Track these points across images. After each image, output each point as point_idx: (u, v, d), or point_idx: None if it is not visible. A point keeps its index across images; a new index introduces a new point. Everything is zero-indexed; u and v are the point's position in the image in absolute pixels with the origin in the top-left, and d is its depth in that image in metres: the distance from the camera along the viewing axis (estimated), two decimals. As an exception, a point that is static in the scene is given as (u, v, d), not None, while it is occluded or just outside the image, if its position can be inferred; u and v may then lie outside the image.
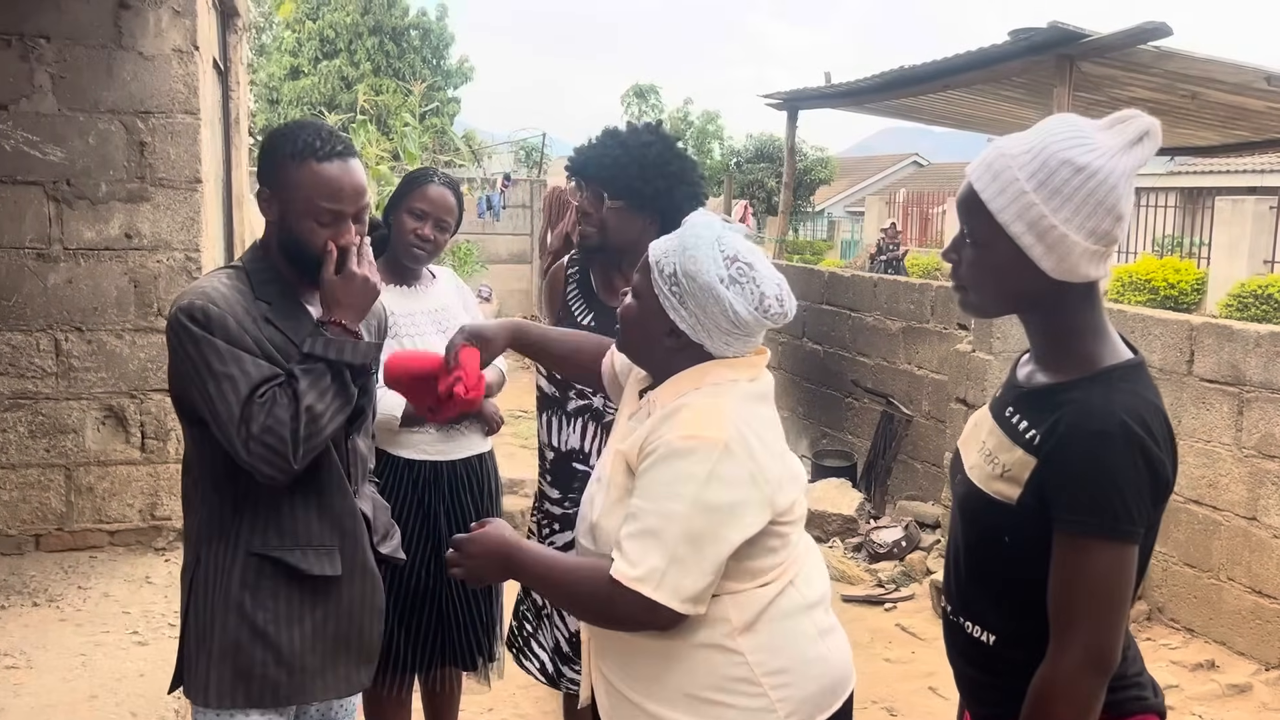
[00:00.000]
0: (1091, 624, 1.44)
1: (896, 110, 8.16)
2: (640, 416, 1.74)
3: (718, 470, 1.59)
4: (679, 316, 1.68)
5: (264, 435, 1.78)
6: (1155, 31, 5.08)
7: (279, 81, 24.27)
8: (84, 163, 4.61)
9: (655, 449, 1.62)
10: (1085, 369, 1.51)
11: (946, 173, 32.36)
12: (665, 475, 1.60)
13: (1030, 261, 1.47)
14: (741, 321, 1.67)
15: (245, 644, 1.89)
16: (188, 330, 1.81)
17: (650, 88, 25.05)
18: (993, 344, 5.19)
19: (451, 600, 2.85)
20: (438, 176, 2.91)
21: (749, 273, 1.67)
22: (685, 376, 1.71)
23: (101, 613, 4.19)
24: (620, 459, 1.68)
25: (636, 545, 1.59)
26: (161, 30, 4.63)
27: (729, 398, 1.68)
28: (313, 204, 1.87)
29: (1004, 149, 1.49)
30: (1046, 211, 1.44)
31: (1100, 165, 1.43)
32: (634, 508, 1.62)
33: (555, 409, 2.56)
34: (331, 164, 1.88)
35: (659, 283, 1.69)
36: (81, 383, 4.73)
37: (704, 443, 1.59)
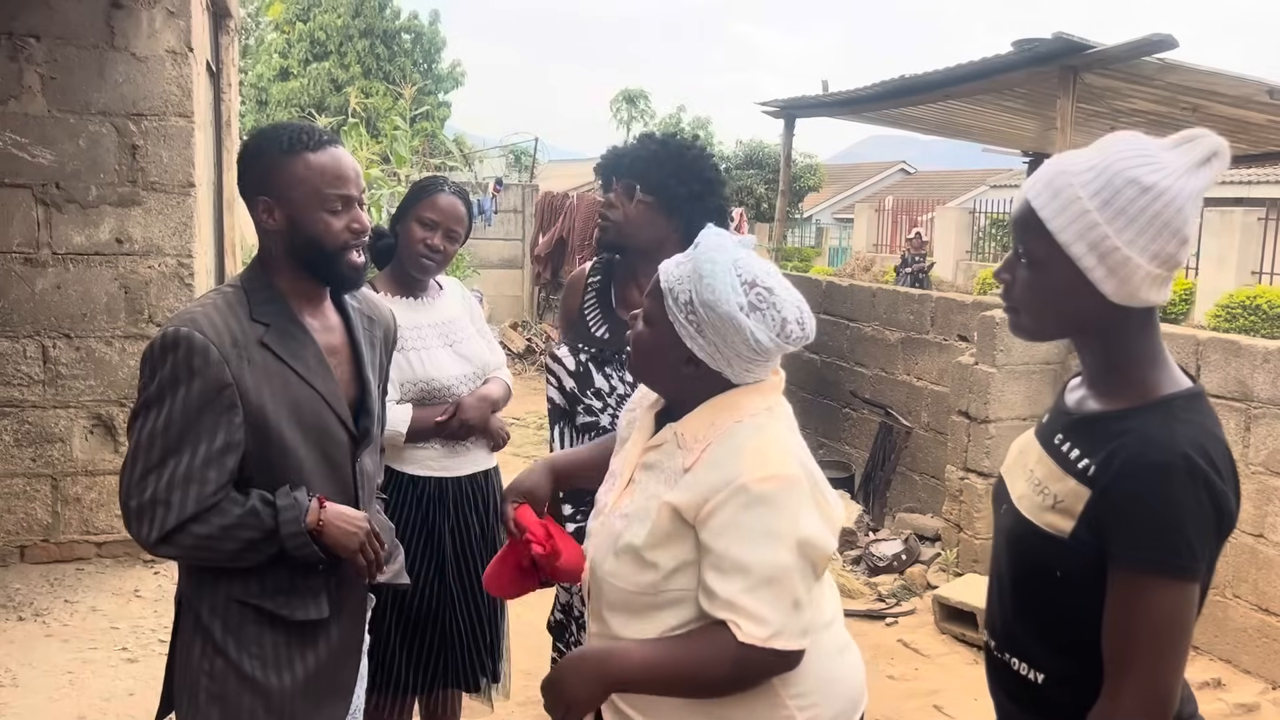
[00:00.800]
0: (1150, 667, 1.37)
1: (895, 119, 8.13)
2: (668, 450, 1.66)
3: (803, 505, 1.57)
4: (697, 345, 1.62)
5: (155, 505, 1.70)
6: (1161, 44, 5.05)
7: (268, 83, 24.13)
8: (74, 165, 4.51)
9: (731, 496, 1.54)
10: (1142, 397, 1.44)
11: (933, 180, 32.48)
12: (757, 523, 1.53)
13: (1090, 284, 1.40)
14: (763, 349, 1.61)
15: (232, 693, 1.80)
16: (160, 362, 1.72)
17: (640, 93, 25.03)
18: (996, 357, 5.15)
19: (455, 620, 2.77)
20: (448, 185, 2.83)
21: (769, 298, 1.61)
22: (715, 407, 1.65)
23: (89, 628, 4.09)
24: (667, 509, 1.59)
25: (756, 601, 1.52)
26: (155, 31, 4.54)
27: (777, 430, 1.63)
28: (321, 194, 1.81)
29: (1064, 166, 1.42)
30: (1110, 232, 1.37)
31: (1167, 185, 1.37)
32: (730, 560, 1.54)
33: (566, 422, 2.48)
34: (325, 152, 1.82)
35: (674, 310, 1.62)
36: (69, 390, 4.63)
37: (783, 482, 1.55)
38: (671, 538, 1.59)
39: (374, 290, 2.82)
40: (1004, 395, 5.18)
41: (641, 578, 1.62)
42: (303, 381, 1.81)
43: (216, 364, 1.71)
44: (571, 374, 2.41)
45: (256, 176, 1.82)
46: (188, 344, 1.70)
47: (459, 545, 2.79)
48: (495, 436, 2.87)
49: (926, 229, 22.41)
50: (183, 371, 1.70)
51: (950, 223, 19.66)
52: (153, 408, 1.71)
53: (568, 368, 2.42)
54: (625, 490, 1.72)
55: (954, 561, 5.40)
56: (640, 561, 1.62)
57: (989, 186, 25.30)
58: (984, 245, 19.16)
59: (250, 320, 1.79)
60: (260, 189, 1.82)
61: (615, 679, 1.58)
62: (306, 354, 1.83)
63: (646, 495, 1.66)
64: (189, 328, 1.72)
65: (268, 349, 1.78)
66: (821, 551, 1.59)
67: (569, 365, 2.43)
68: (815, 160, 26.18)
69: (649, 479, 1.68)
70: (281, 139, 1.81)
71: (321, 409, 1.84)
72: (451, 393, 2.75)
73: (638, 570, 1.63)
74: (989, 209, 19.75)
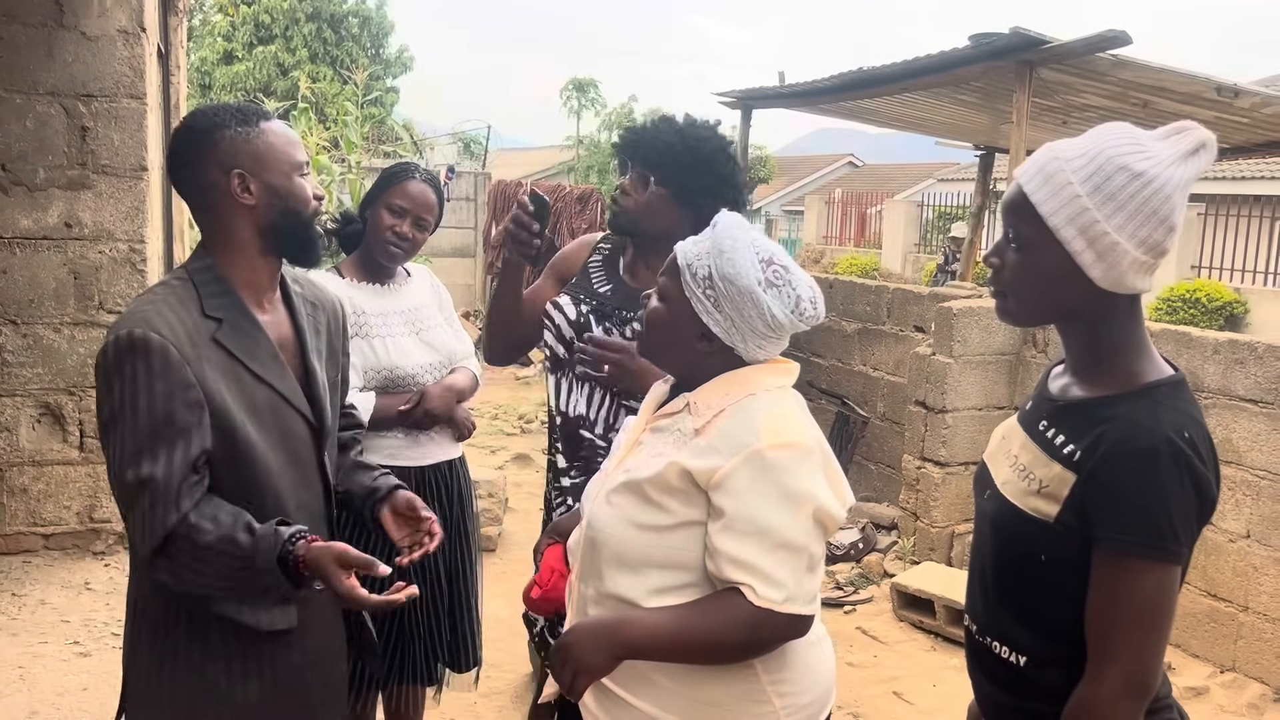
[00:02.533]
0: (1133, 647, 1.40)
1: (851, 111, 8.18)
2: (681, 418, 1.68)
3: (815, 473, 1.60)
4: (713, 320, 1.65)
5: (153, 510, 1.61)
6: (1115, 40, 5.14)
7: (211, 66, 23.61)
8: (20, 147, 4.38)
9: (746, 461, 1.56)
10: (1127, 384, 1.47)
11: (881, 173, 32.82)
12: (773, 488, 1.56)
13: (1078, 269, 1.43)
14: (778, 325, 1.64)
15: (199, 705, 1.73)
16: (116, 370, 1.62)
17: (590, 82, 24.88)
18: (953, 347, 5.21)
19: (414, 611, 2.74)
20: (418, 172, 2.78)
21: (785, 275, 1.65)
22: (729, 380, 1.67)
23: (38, 621, 3.98)
24: (675, 468, 1.60)
25: (771, 564, 1.55)
26: (106, 10, 4.42)
27: (791, 404, 1.67)
28: (293, 159, 1.78)
29: (1058, 152, 1.44)
30: (1100, 217, 1.40)
31: (1157, 174, 1.39)
32: (745, 522, 1.55)
33: (565, 371, 2.45)
34: (276, 121, 1.81)
35: (691, 286, 1.65)
36: (16, 379, 4.50)
37: (796, 449, 1.59)
38: (677, 494, 1.61)
39: (340, 276, 2.78)
40: (960, 385, 5.25)
41: (640, 519, 1.62)
42: (257, 380, 1.73)
43: (178, 364, 1.62)
44: (571, 323, 2.40)
45: (221, 151, 1.73)
46: (144, 346, 1.61)
47: None
48: (460, 426, 2.83)
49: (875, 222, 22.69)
50: (143, 376, 1.61)
51: (899, 215, 19.92)
52: (120, 420, 1.61)
53: (568, 316, 2.41)
54: (631, 451, 1.73)
55: (910, 550, 5.47)
56: (641, 499, 1.63)
57: (936, 180, 25.62)
58: (931, 238, 19.45)
59: (202, 316, 1.70)
60: (230, 164, 1.72)
61: (627, 645, 1.57)
62: (260, 350, 1.75)
63: (653, 453, 1.66)
64: (143, 329, 1.61)
65: (220, 346, 1.69)
66: (834, 520, 1.62)
67: (569, 314, 2.41)
68: (765, 152, 26.29)
69: (656, 440, 1.69)
70: (233, 113, 1.75)
71: (280, 406, 1.77)
72: (416, 381, 2.72)
73: (636, 511, 1.63)
74: (937, 202, 20.09)
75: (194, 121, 1.77)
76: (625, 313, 2.36)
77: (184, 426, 1.62)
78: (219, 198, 1.74)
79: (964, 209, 16.19)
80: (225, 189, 1.73)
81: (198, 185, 1.76)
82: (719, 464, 1.57)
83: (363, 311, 2.69)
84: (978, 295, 5.68)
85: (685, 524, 1.61)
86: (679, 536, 1.61)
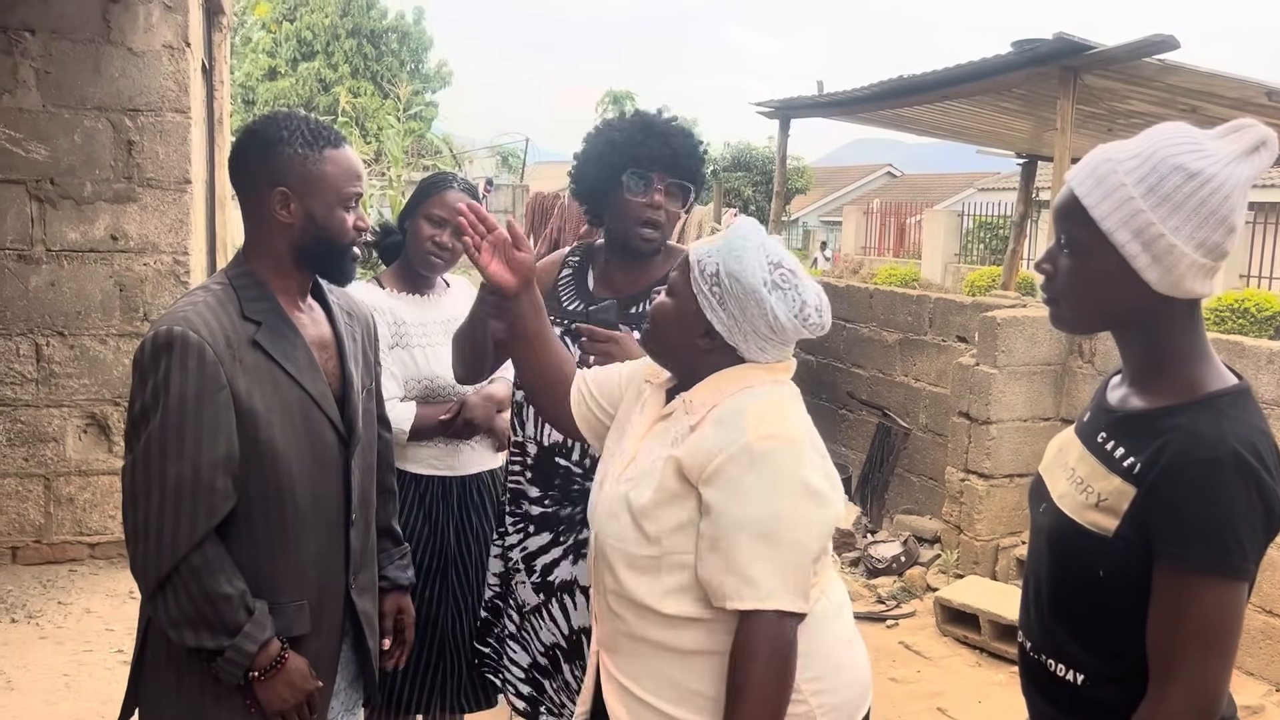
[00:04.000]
0: (1197, 668, 1.35)
1: (890, 120, 8.12)
2: (677, 416, 1.69)
3: (803, 464, 1.59)
4: (716, 317, 1.66)
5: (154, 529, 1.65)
6: (1162, 44, 5.06)
7: (255, 82, 24.00)
8: (69, 161, 4.45)
9: (730, 456, 1.57)
10: (1188, 394, 1.41)
11: (919, 183, 32.59)
12: (758, 481, 1.56)
13: (1134, 273, 1.37)
14: (780, 327, 1.65)
15: (209, 710, 1.75)
16: (152, 365, 1.66)
17: (626, 95, 24.97)
18: (997, 358, 5.14)
19: (458, 617, 2.71)
20: (457, 182, 2.79)
21: (791, 279, 1.66)
22: (725, 377, 1.68)
23: (84, 630, 4.02)
24: (673, 464, 1.62)
25: (751, 561, 1.54)
26: (152, 25, 4.49)
27: (781, 398, 1.68)
28: (342, 192, 1.81)
29: (1110, 154, 1.40)
30: (1155, 219, 1.34)
31: (1215, 173, 1.34)
32: (729, 518, 1.56)
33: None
34: (343, 150, 1.83)
35: (699, 281, 1.67)
36: (63, 389, 4.56)
37: (783, 441, 1.59)
38: (675, 497, 1.61)
39: (380, 286, 2.78)
40: (1005, 396, 5.16)
41: (644, 537, 1.64)
42: (293, 382, 1.77)
43: (212, 364, 1.66)
44: None
45: (275, 166, 1.77)
46: (182, 343, 1.65)
47: (462, 546, 2.75)
48: (500, 436, 2.82)
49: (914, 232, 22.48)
50: (178, 373, 1.64)
51: (938, 225, 19.74)
52: (150, 416, 1.65)
53: None
54: (631, 460, 1.73)
55: (954, 563, 5.39)
56: (645, 518, 1.64)
57: (977, 189, 25.37)
58: (972, 248, 19.24)
59: (242, 318, 1.74)
60: (279, 180, 1.77)
61: None
62: (297, 353, 1.79)
63: (652, 457, 1.68)
64: (181, 326, 1.66)
65: (259, 348, 1.74)
66: (827, 509, 1.61)
67: None
68: (803, 163, 26.21)
69: (655, 443, 1.70)
70: (303, 131, 1.78)
71: (311, 410, 1.79)
72: (456, 390, 2.71)
73: (640, 529, 1.64)
74: (977, 212, 19.88)
75: (262, 128, 1.81)
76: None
77: (213, 425, 1.66)
78: (261, 208, 1.79)
79: (1005, 218, 16.03)
80: (268, 202, 1.77)
81: (248, 190, 1.81)
82: (709, 458, 1.58)
83: (403, 321, 2.70)
84: (1022, 305, 5.60)
85: (685, 524, 1.62)
86: (680, 538, 1.62)
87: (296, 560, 1.78)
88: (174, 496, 1.64)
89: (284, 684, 1.74)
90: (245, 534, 1.73)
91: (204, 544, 1.66)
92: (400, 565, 2.17)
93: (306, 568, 1.80)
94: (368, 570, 1.99)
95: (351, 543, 1.90)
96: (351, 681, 2.01)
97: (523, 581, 2.34)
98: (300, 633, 1.79)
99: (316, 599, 1.82)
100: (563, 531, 2.28)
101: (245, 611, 1.69)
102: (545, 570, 2.29)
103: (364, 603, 1.96)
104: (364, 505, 1.94)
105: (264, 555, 1.75)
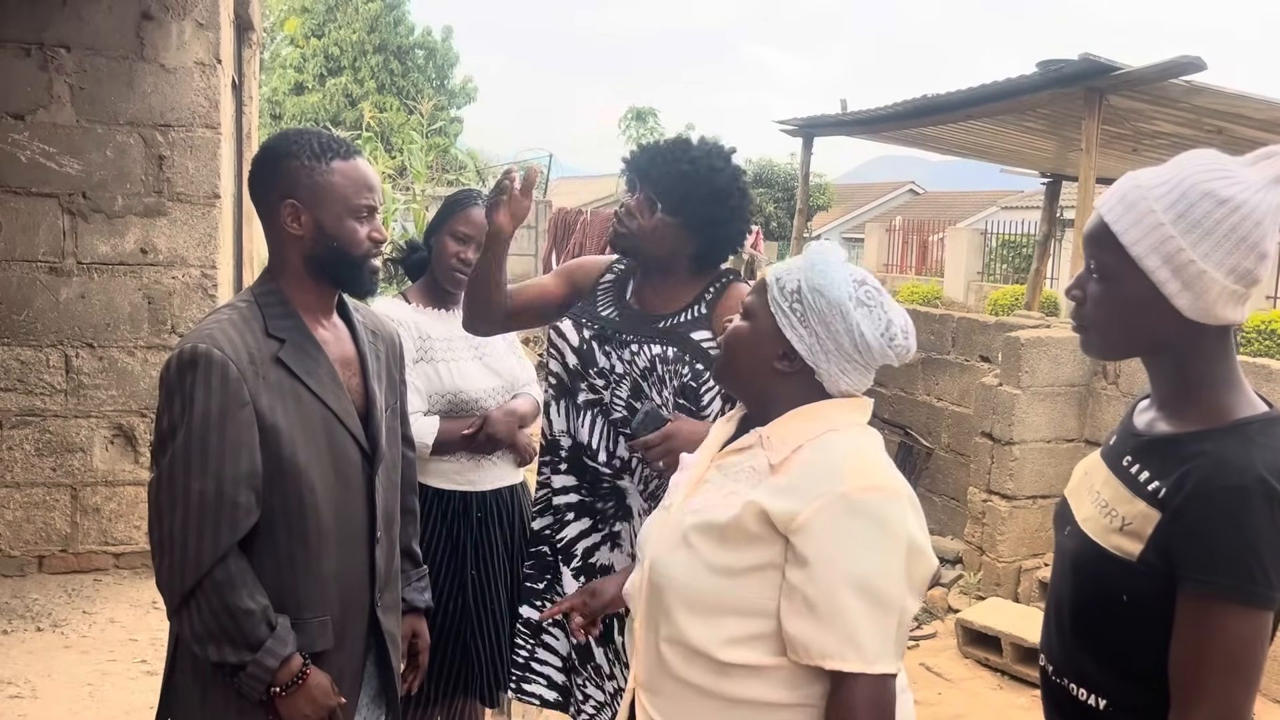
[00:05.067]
0: (1219, 697, 1.33)
1: (913, 139, 8.12)
2: (754, 454, 1.58)
3: (908, 519, 1.48)
4: (796, 336, 1.56)
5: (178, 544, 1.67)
6: (1189, 66, 5.04)
7: (282, 97, 24.25)
8: (101, 175, 4.51)
9: (829, 504, 1.45)
10: (1216, 420, 1.41)
11: (942, 201, 32.48)
12: (861, 535, 1.45)
13: (1164, 299, 1.37)
14: (865, 347, 1.55)
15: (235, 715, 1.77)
16: (178, 382, 1.69)
17: (649, 111, 25.07)
18: (1020, 378, 5.11)
19: (474, 633, 2.74)
20: (481, 199, 2.82)
21: (877, 297, 1.56)
22: (805, 414, 1.57)
23: (108, 639, 4.06)
24: (754, 508, 1.50)
25: (862, 623, 1.42)
26: (184, 42, 4.55)
27: (874, 444, 1.56)
28: (351, 202, 1.81)
29: (1139, 180, 1.40)
30: (1185, 245, 1.34)
31: (1245, 199, 1.34)
32: (829, 573, 1.44)
33: (567, 398, 2.40)
34: (354, 161, 1.84)
35: (778, 300, 1.57)
36: (91, 400, 4.61)
37: (888, 494, 1.47)
38: (754, 540, 1.50)
39: (406, 301, 2.81)
40: (1028, 417, 5.14)
41: (710, 577, 1.53)
42: (316, 399, 1.79)
43: (235, 381, 1.68)
44: (575, 350, 2.34)
45: (284, 179, 1.80)
46: (206, 361, 1.67)
47: (482, 560, 2.76)
48: (522, 452, 2.84)
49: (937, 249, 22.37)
50: (202, 390, 1.67)
51: (961, 243, 19.66)
52: (175, 432, 1.68)
53: (571, 343, 2.35)
54: (695, 489, 1.64)
55: (976, 584, 5.35)
56: (715, 541, 1.53)
57: (1000, 208, 25.27)
58: (994, 266, 19.15)
59: (265, 335, 1.76)
60: (288, 192, 1.79)
61: None
62: (320, 370, 1.81)
63: (724, 491, 1.57)
64: (206, 344, 1.69)
65: (283, 365, 1.76)
66: (927, 567, 1.50)
67: (572, 340, 2.35)
68: (825, 180, 26.21)
69: (725, 478, 1.59)
70: (311, 144, 1.80)
71: (334, 427, 1.81)
72: (480, 405, 2.74)
73: (706, 568, 1.53)
74: (1000, 230, 19.79)
75: (273, 143, 1.85)
76: (625, 336, 2.29)
77: (236, 442, 1.68)
78: (275, 221, 1.82)
79: (1029, 237, 15.95)
80: (280, 215, 1.80)
81: (263, 204, 1.84)
82: (800, 506, 1.46)
83: (428, 336, 2.72)
84: (1046, 325, 5.57)
85: (761, 567, 1.49)
86: (755, 581, 1.50)
87: (319, 576, 1.80)
88: (197, 511, 1.66)
89: (305, 700, 1.75)
90: (268, 549, 1.75)
91: (227, 559, 1.68)
92: (418, 587, 2.18)
93: (330, 583, 1.81)
94: (392, 588, 2.00)
95: (376, 560, 1.91)
96: (374, 698, 2.01)
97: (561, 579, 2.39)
98: (323, 648, 1.80)
99: (340, 615, 1.83)
100: (599, 520, 2.35)
101: (267, 626, 1.71)
102: (586, 554, 2.36)
103: (389, 621, 1.97)
104: (388, 522, 1.95)
105: (287, 570, 1.77)
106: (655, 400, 2.24)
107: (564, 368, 2.38)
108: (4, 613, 4.24)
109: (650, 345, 2.25)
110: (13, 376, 4.52)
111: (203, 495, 1.66)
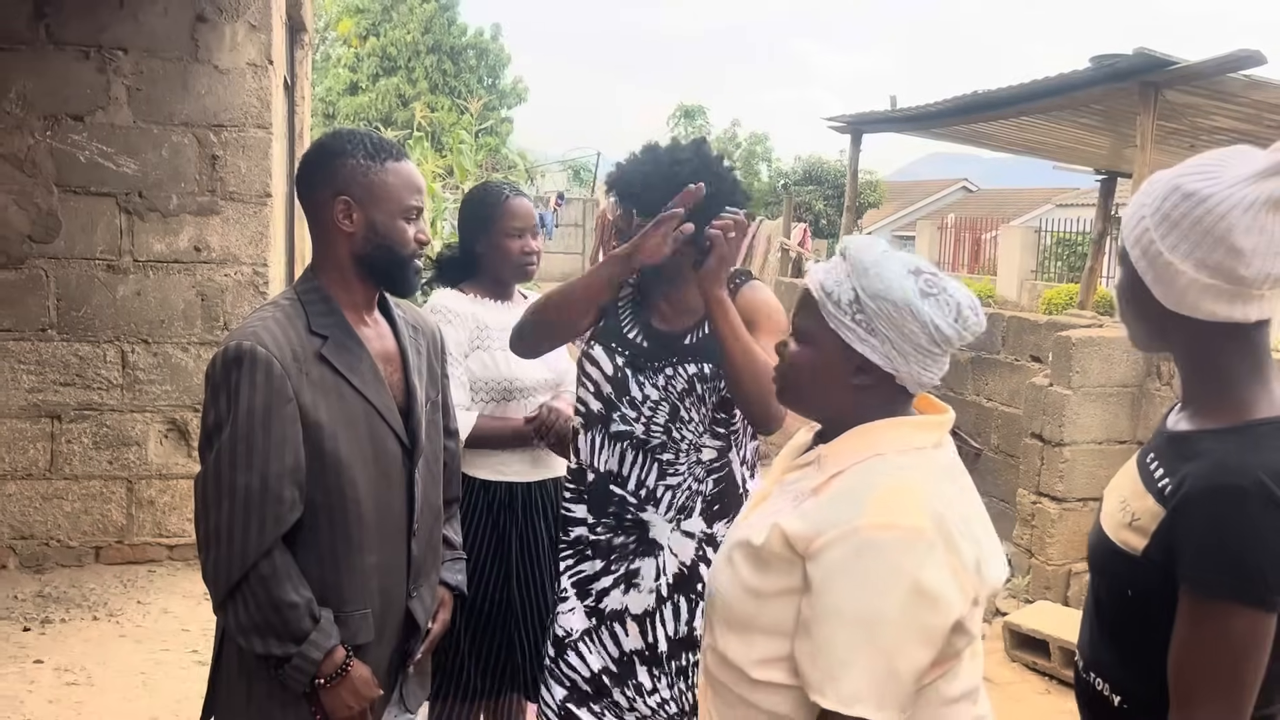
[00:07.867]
0: (1213, 695, 1.32)
1: (965, 135, 8.02)
2: (809, 472, 1.53)
3: (924, 562, 1.37)
4: (869, 347, 1.46)
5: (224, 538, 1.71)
6: (1248, 60, 4.92)
7: (336, 97, 24.58)
8: (156, 175, 4.61)
9: (841, 537, 1.39)
10: (1233, 418, 1.40)
11: (995, 198, 32.01)
12: (863, 572, 1.37)
13: (1147, 290, 1.42)
14: (943, 339, 1.45)
15: (277, 717, 1.81)
16: (223, 379, 1.72)
17: (698, 108, 25.06)
18: (1071, 378, 5.03)
19: (519, 626, 2.76)
20: (508, 188, 2.87)
21: (938, 283, 1.47)
22: (864, 433, 1.49)
23: (161, 629, 4.15)
24: (778, 531, 1.46)
25: (848, 662, 1.36)
26: (237, 44, 4.64)
27: (919, 473, 1.45)
28: (404, 203, 1.85)
29: (1153, 179, 1.45)
30: (1156, 237, 1.39)
31: (1212, 193, 1.35)
32: (825, 605, 1.39)
33: (600, 428, 2.40)
34: (405, 163, 1.88)
35: (836, 315, 1.47)
36: (146, 395, 4.72)
37: (902, 532, 1.37)
38: (782, 562, 1.46)
39: (463, 294, 2.85)
40: (1079, 418, 5.05)
41: (746, 595, 1.50)
42: (358, 395, 1.82)
43: (279, 378, 1.72)
44: (609, 379, 2.32)
45: (338, 176, 1.83)
46: (251, 358, 1.70)
47: (527, 552, 2.78)
48: (568, 445, 2.86)
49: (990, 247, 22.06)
50: (246, 387, 1.70)
51: (1015, 241, 19.37)
52: (221, 428, 1.72)
53: (605, 372, 2.32)
54: (757, 504, 1.62)
55: (1024, 588, 5.28)
56: (752, 562, 1.50)
57: (1055, 205, 24.86)
58: (1049, 264, 18.83)
59: (309, 333, 1.79)
60: (341, 189, 1.82)
61: None
62: (362, 366, 1.84)
63: (775, 507, 1.54)
64: (250, 341, 1.72)
65: (325, 362, 1.79)
66: (943, 615, 1.38)
67: (606, 369, 2.32)
68: (875, 177, 25.99)
69: (781, 496, 1.56)
70: (365, 144, 1.84)
71: (375, 422, 1.84)
72: (532, 394, 2.76)
73: (744, 585, 1.50)
74: (1054, 228, 19.45)
75: (327, 141, 1.88)
76: (657, 362, 2.27)
77: (280, 437, 1.72)
78: (325, 217, 1.85)
79: (1084, 235, 15.68)
80: (331, 211, 1.83)
81: (313, 201, 1.87)
82: (816, 534, 1.41)
83: (485, 325, 2.76)
84: (1098, 324, 5.48)
85: (788, 592, 1.45)
86: (780, 604, 1.46)
87: (361, 569, 1.83)
88: (243, 506, 1.70)
89: (348, 691, 1.79)
90: (311, 543, 1.78)
91: (272, 552, 1.72)
92: (452, 567, 2.20)
93: (371, 576, 1.85)
94: (428, 579, 2.03)
95: (413, 551, 1.94)
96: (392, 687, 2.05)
97: (572, 609, 2.34)
98: (364, 641, 1.84)
99: (379, 608, 1.87)
100: (614, 560, 2.29)
101: (311, 619, 1.74)
102: (599, 596, 2.31)
103: (418, 611, 2.00)
104: (426, 515, 1.98)
105: (329, 564, 1.80)
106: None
107: (597, 397, 2.35)
108: (62, 601, 4.36)
109: (685, 366, 2.23)
110: (72, 371, 4.64)
111: (248, 490, 1.70)
